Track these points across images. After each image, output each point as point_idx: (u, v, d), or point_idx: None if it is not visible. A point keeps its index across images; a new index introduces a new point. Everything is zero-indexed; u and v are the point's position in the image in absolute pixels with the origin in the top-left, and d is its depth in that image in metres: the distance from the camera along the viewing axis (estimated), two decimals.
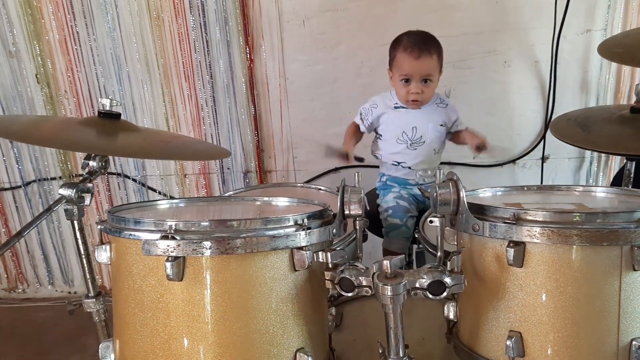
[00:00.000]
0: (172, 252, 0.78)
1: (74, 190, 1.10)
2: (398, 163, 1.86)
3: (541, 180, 2.39)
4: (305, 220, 0.88)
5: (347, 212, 0.98)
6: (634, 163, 1.59)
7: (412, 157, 1.83)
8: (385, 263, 0.80)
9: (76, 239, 1.16)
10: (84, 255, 1.18)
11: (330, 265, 0.90)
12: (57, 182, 2.67)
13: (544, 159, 2.37)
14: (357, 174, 1.04)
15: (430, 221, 0.95)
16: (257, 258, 0.83)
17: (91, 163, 1.20)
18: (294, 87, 2.44)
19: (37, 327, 2.57)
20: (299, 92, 2.44)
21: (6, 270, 2.87)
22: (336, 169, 2.50)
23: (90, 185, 1.15)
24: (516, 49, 2.27)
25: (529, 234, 0.81)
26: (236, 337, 0.83)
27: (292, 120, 2.48)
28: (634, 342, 0.81)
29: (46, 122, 1.51)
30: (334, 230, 0.94)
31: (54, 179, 2.67)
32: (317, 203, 1.08)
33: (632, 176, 1.58)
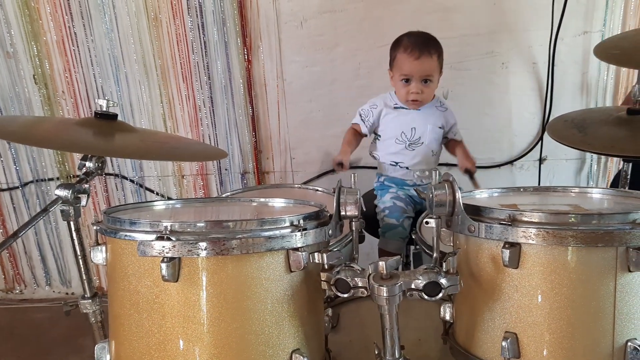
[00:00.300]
0: (168, 253, 0.78)
1: (70, 191, 1.10)
2: (396, 163, 1.86)
3: (539, 182, 2.39)
4: (301, 221, 0.88)
5: (343, 213, 0.98)
6: (630, 165, 1.60)
7: (410, 158, 1.84)
8: (381, 264, 0.81)
9: (72, 240, 1.16)
10: (80, 256, 1.17)
11: (326, 266, 0.90)
12: (54, 182, 2.66)
13: (541, 160, 2.38)
14: (353, 175, 1.04)
15: (427, 222, 0.95)
16: (252, 259, 0.83)
17: (88, 164, 1.19)
18: (292, 89, 2.44)
19: (34, 328, 2.56)
20: (296, 93, 2.45)
21: (3, 271, 2.86)
22: (334, 170, 2.50)
23: (86, 186, 1.15)
24: (514, 50, 2.28)
25: (524, 235, 0.81)
26: (232, 338, 0.83)
27: (289, 121, 2.48)
28: (629, 343, 0.81)
29: (43, 123, 1.50)
30: (330, 231, 0.94)
31: (52, 179, 2.66)
32: (314, 204, 1.08)
33: (629, 178, 1.58)
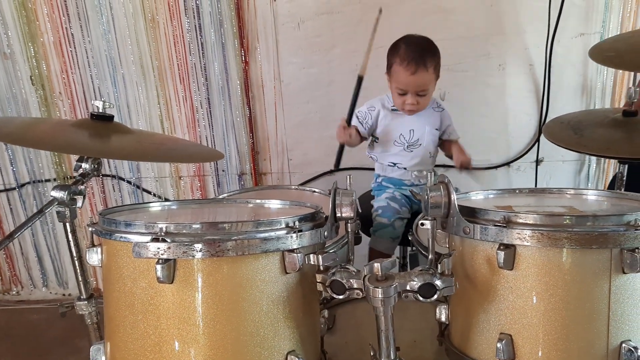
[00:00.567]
0: (163, 254, 0.78)
1: (66, 193, 1.10)
2: (394, 164, 1.87)
3: (535, 183, 2.40)
4: (297, 222, 0.88)
5: (338, 215, 0.98)
6: (626, 166, 1.60)
7: (409, 159, 1.85)
8: (376, 266, 0.81)
9: (68, 241, 1.16)
10: (76, 258, 1.17)
11: (322, 268, 0.90)
12: (51, 184, 2.65)
13: (538, 161, 2.38)
14: (349, 177, 1.04)
15: (422, 224, 0.95)
16: (248, 260, 0.83)
17: (84, 165, 1.20)
18: (289, 90, 2.44)
19: (31, 329, 2.55)
20: (294, 94, 2.44)
21: (0, 272, 2.85)
22: (331, 172, 2.50)
23: (82, 187, 1.15)
24: (510, 52, 2.28)
25: (519, 236, 0.81)
26: (227, 339, 0.83)
27: (287, 122, 2.48)
28: (623, 345, 0.81)
29: (39, 124, 1.50)
30: (326, 233, 0.94)
31: (49, 180, 2.66)
32: (309, 205, 1.08)
33: (625, 179, 1.58)
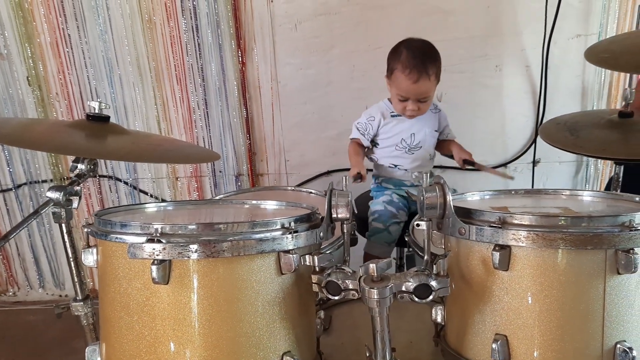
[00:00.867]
0: (158, 255, 0.78)
1: (62, 193, 1.10)
2: (395, 166, 1.87)
3: (532, 184, 2.40)
4: (292, 223, 0.88)
5: (334, 216, 0.98)
6: (622, 167, 1.60)
7: (410, 161, 1.86)
8: (372, 266, 0.81)
9: (64, 242, 1.16)
10: (72, 258, 1.18)
11: (318, 269, 0.90)
12: (48, 184, 2.65)
13: (535, 163, 2.38)
14: (345, 178, 1.04)
15: (417, 225, 0.95)
16: (243, 261, 0.83)
17: (80, 166, 1.20)
18: (287, 91, 2.44)
19: (28, 330, 2.55)
20: (291, 95, 2.45)
21: None
22: (328, 173, 2.50)
23: (78, 188, 1.15)
24: (507, 53, 2.29)
25: (514, 237, 0.81)
26: (222, 340, 0.82)
27: (284, 123, 2.49)
28: (618, 345, 0.81)
29: (36, 125, 1.50)
30: (321, 234, 0.94)
31: (45, 181, 2.65)
32: (305, 206, 1.08)
33: (620, 180, 1.59)
